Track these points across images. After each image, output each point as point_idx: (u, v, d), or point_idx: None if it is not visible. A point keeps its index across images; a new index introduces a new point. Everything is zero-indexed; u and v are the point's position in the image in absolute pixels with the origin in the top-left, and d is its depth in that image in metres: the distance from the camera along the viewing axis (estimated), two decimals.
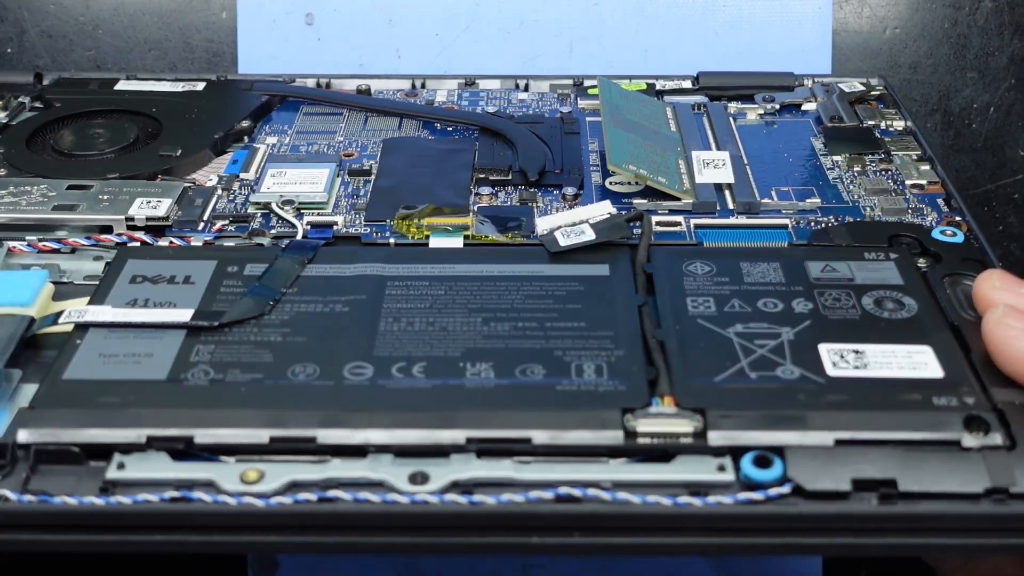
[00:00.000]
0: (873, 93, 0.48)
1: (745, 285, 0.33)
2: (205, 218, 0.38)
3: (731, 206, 0.39)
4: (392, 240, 0.36)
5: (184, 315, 0.31)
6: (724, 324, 0.31)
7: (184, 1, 0.55)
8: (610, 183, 0.40)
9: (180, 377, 0.29)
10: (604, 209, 0.36)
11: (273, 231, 0.37)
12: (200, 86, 0.48)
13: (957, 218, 0.38)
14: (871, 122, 0.45)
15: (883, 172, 0.41)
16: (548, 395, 0.28)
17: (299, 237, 0.36)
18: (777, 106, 0.47)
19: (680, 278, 0.33)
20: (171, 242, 0.36)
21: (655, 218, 0.38)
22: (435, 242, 0.36)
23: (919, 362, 0.29)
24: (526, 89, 0.50)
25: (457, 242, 0.36)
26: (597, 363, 0.29)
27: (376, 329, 0.31)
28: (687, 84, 0.49)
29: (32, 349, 0.31)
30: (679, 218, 0.38)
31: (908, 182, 0.41)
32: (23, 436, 0.27)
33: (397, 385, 0.28)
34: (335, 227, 0.37)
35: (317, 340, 0.30)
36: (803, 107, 0.47)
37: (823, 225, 0.37)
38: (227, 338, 0.30)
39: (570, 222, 0.36)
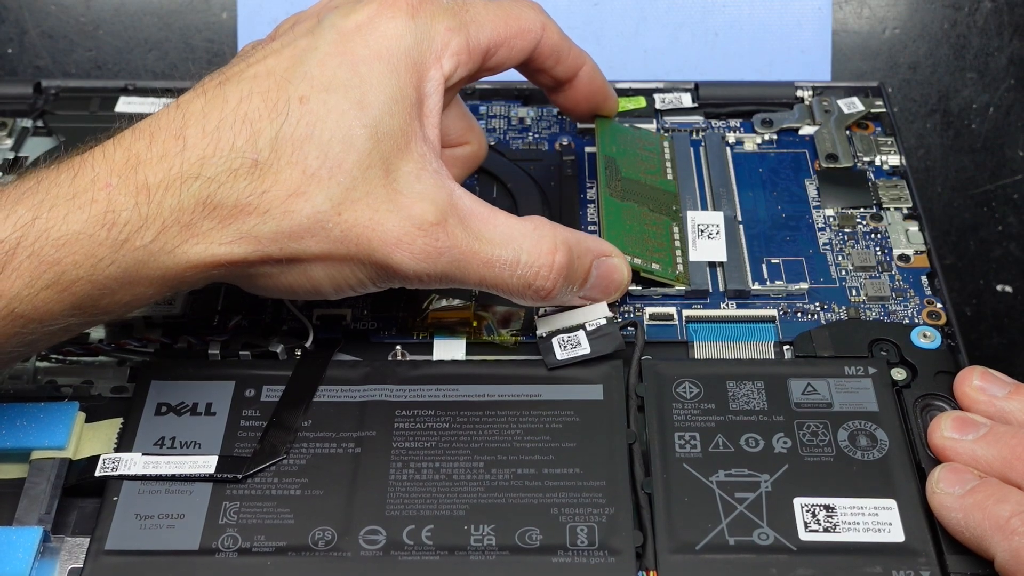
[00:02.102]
0: (872, 111, 0.47)
1: (729, 414, 0.34)
2: (219, 308, 0.39)
3: (722, 288, 0.39)
4: (399, 349, 0.37)
5: (209, 463, 0.33)
6: (708, 470, 0.32)
7: (184, 2, 0.53)
8: None
9: (211, 547, 0.31)
10: (600, 313, 0.37)
11: (284, 328, 0.38)
12: None
13: (938, 305, 0.38)
14: (866, 159, 0.44)
15: (872, 235, 0.41)
16: (545, 569, 0.30)
17: (310, 341, 0.37)
18: (775, 134, 0.46)
19: (669, 404, 0.34)
20: (189, 342, 0.37)
21: (648, 309, 0.38)
22: (439, 346, 0.37)
23: (884, 522, 0.31)
24: (526, 103, 0.48)
25: (460, 346, 0.37)
26: (590, 524, 0.31)
27: (387, 479, 0.32)
28: (686, 98, 0.48)
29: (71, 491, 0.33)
30: (671, 309, 0.38)
31: (896, 251, 0.41)
32: None
33: (408, 558, 0.30)
34: (344, 321, 0.38)
35: (333, 495, 0.32)
36: (801, 131, 0.46)
37: (808, 331, 0.37)
38: (251, 491, 0.32)
39: (567, 326, 0.37)
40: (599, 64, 0.56)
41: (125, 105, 0.48)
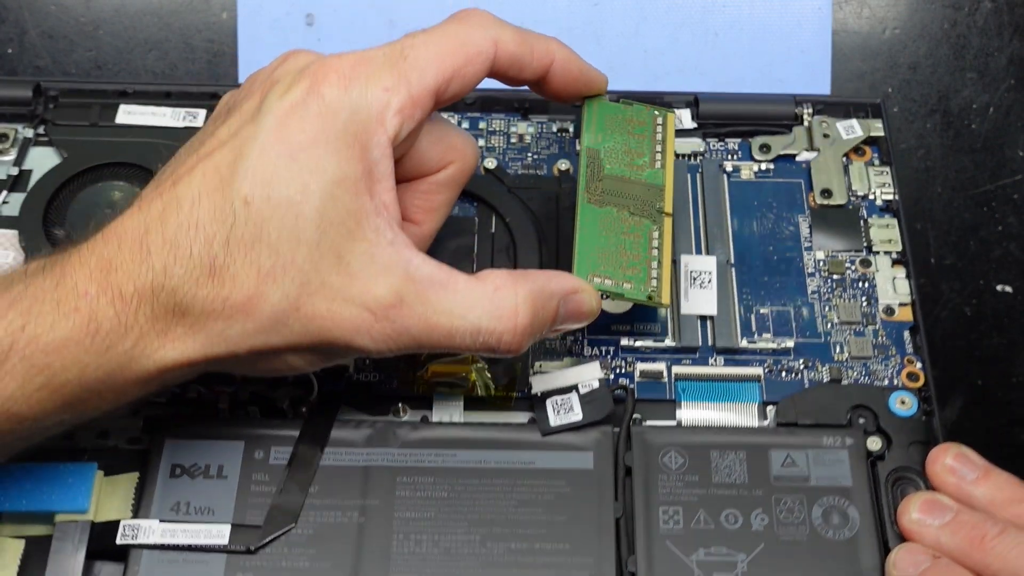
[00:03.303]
0: (872, 135, 0.46)
1: (712, 487, 0.36)
2: None
3: (711, 342, 0.40)
4: (400, 406, 0.38)
5: (223, 533, 0.34)
6: (689, 548, 0.34)
7: (184, 2, 0.52)
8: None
9: None
10: (593, 375, 0.38)
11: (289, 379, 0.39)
12: (200, 117, 0.46)
13: (918, 365, 0.40)
14: (861, 193, 0.44)
15: (860, 283, 0.42)
16: None
17: (315, 394, 0.38)
18: (772, 162, 0.46)
19: (656, 475, 0.36)
20: (199, 392, 0.38)
21: (640, 365, 0.39)
22: (438, 406, 0.38)
23: None
24: (526, 116, 0.47)
25: (458, 407, 0.38)
26: None
27: (390, 551, 0.34)
28: (686, 117, 0.47)
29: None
30: (661, 366, 0.39)
31: (882, 302, 0.41)
32: None
33: None
34: (347, 372, 0.39)
35: (340, 567, 0.34)
36: (798, 157, 0.46)
37: (790, 397, 0.38)
38: (262, 562, 0.34)
39: (561, 387, 0.38)
40: (598, 64, 0.55)
41: (126, 115, 0.47)
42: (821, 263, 0.42)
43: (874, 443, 0.37)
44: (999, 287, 0.53)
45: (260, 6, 0.51)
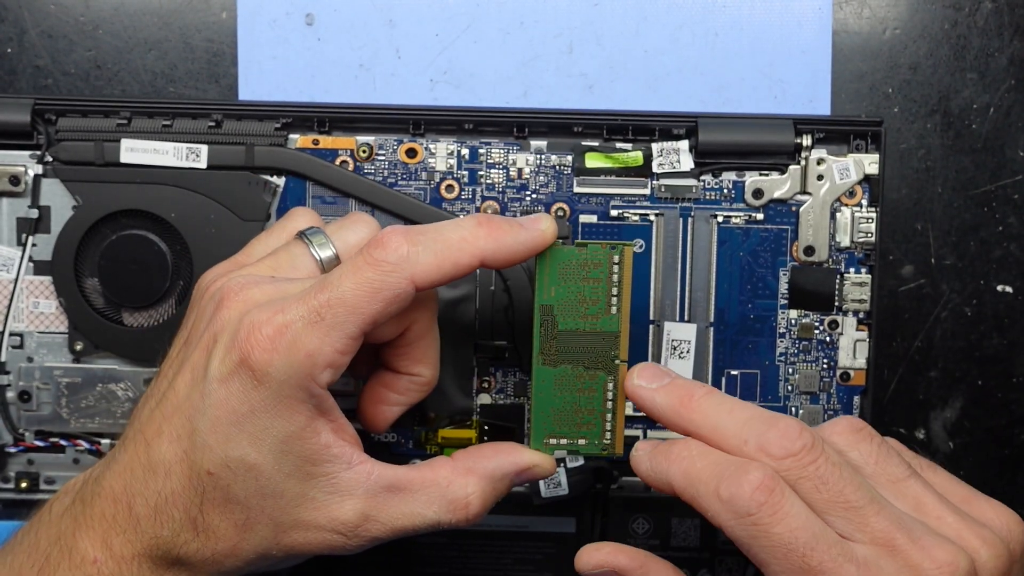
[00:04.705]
0: (867, 172, 0.54)
1: (670, 550, 0.50)
2: None
3: None
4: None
5: None
6: None
7: (184, 1, 0.58)
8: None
9: None
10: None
11: None
12: (203, 155, 0.54)
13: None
14: (844, 244, 0.53)
15: (824, 345, 0.52)
16: None
17: None
18: (763, 208, 0.54)
19: (624, 539, 0.50)
20: None
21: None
22: None
23: None
24: (525, 134, 0.55)
25: None
26: None
27: None
28: (684, 156, 0.54)
29: None
30: (638, 431, 0.51)
31: (841, 365, 0.52)
32: None
33: None
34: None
35: None
36: (789, 201, 0.54)
37: None
38: None
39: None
40: (598, 63, 0.61)
41: (128, 153, 0.54)
42: (792, 323, 0.53)
43: None
44: (999, 287, 0.63)
45: (260, 6, 0.58)
